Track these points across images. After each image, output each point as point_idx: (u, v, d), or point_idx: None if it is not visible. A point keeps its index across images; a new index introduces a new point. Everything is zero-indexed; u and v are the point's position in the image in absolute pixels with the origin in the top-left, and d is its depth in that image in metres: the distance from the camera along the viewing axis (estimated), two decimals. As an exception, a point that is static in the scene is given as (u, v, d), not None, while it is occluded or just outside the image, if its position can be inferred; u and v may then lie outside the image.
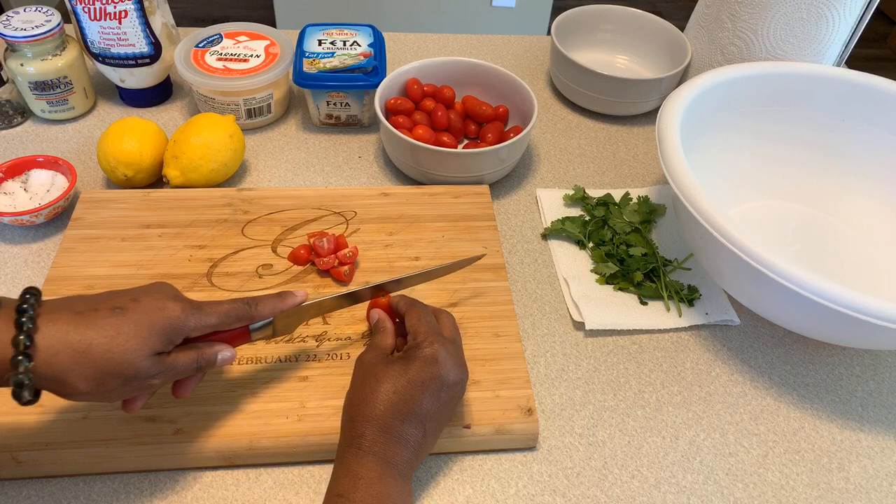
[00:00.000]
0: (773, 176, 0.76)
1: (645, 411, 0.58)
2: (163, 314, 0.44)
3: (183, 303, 0.45)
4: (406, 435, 0.46)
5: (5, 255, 0.66)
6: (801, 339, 0.65)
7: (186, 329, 0.45)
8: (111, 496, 0.50)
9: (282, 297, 0.50)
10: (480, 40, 1.01)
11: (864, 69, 0.74)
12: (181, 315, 0.44)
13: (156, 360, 0.43)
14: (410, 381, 0.47)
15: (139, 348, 0.42)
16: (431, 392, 0.47)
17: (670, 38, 0.91)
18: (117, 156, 0.69)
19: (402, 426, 0.46)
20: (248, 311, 0.48)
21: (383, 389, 0.47)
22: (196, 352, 0.46)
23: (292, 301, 0.51)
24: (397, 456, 0.46)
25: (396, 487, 0.45)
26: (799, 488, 0.54)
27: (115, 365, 0.41)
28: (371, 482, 0.44)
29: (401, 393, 0.47)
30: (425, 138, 0.74)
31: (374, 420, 0.46)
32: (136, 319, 0.42)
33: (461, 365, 0.50)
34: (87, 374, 0.41)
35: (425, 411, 0.47)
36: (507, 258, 0.70)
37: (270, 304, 0.49)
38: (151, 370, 0.43)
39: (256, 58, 0.79)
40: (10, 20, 0.74)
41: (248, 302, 0.48)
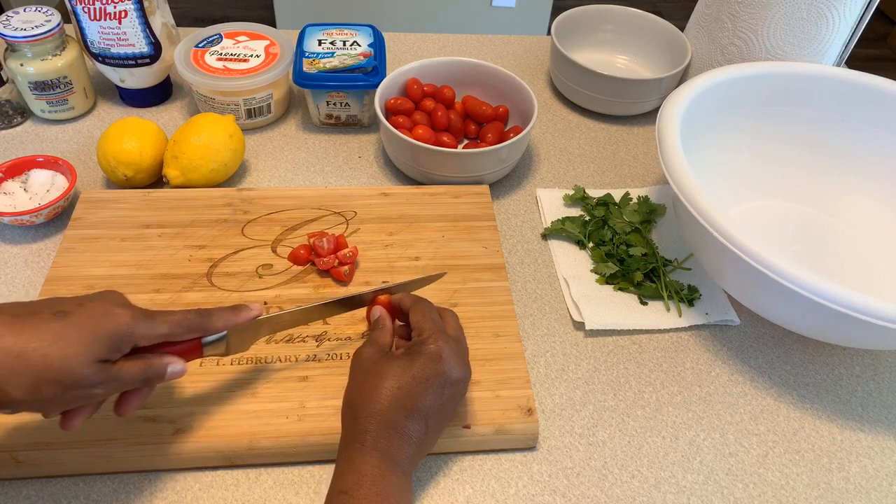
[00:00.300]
0: (773, 176, 0.76)
1: (645, 411, 0.58)
2: (110, 319, 0.42)
3: (132, 309, 0.43)
4: (409, 431, 0.46)
5: (5, 255, 0.66)
6: (801, 339, 0.65)
7: (134, 337, 0.43)
8: (111, 496, 0.50)
9: (236, 310, 0.48)
10: (480, 40, 1.01)
11: (864, 69, 0.74)
12: (129, 321, 0.42)
13: (99, 368, 0.41)
14: (414, 377, 0.47)
15: (81, 354, 0.40)
16: (435, 388, 0.47)
17: (670, 38, 0.91)
18: (117, 156, 0.69)
19: (405, 422, 0.46)
20: (201, 322, 0.46)
21: (387, 385, 0.47)
22: (144, 362, 0.44)
23: (247, 315, 0.49)
24: (400, 452, 0.46)
25: (399, 484, 0.45)
26: (799, 488, 0.54)
27: (53, 371, 0.39)
28: (375, 479, 0.44)
29: (405, 389, 0.47)
30: (425, 138, 0.74)
31: (377, 415, 0.46)
32: (79, 324, 0.40)
33: (464, 363, 0.50)
34: (22, 382, 0.38)
35: (428, 408, 0.47)
36: (507, 258, 0.70)
37: (224, 316, 0.48)
38: (94, 378, 0.41)
39: (256, 58, 0.79)
40: (10, 20, 0.74)
41: (202, 313, 0.47)
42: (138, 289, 0.60)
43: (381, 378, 0.47)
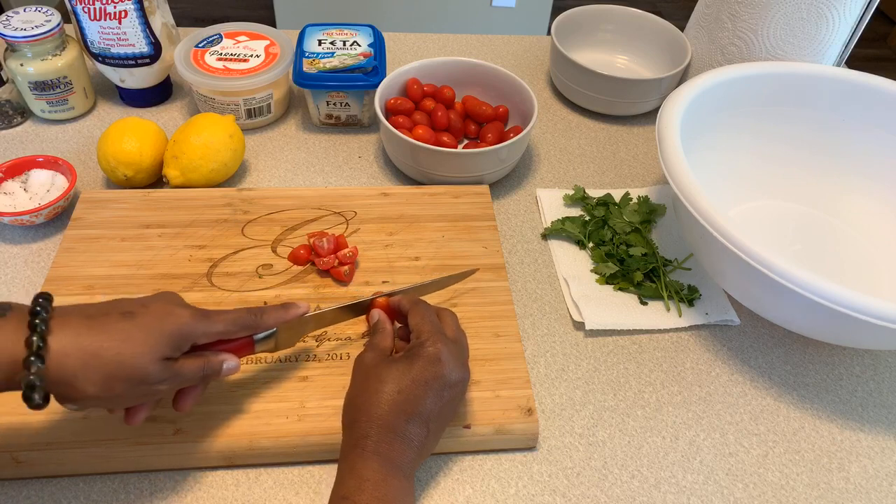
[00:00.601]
0: (773, 176, 0.76)
1: (645, 411, 0.58)
2: (172, 319, 0.44)
3: (191, 309, 0.46)
4: (410, 434, 0.46)
5: (5, 255, 0.66)
6: (801, 339, 0.65)
7: (194, 335, 0.45)
8: (111, 496, 0.50)
9: (286, 307, 0.51)
10: (480, 40, 1.01)
11: (864, 69, 0.74)
12: (190, 321, 0.45)
13: (164, 366, 0.43)
14: (414, 381, 0.47)
15: (148, 352, 0.42)
16: (434, 391, 0.47)
17: (670, 38, 0.91)
18: (117, 156, 0.69)
19: (405, 426, 0.46)
20: (254, 320, 0.49)
21: (387, 389, 0.47)
22: (203, 359, 0.46)
23: (296, 312, 0.51)
24: (401, 456, 0.46)
25: (401, 488, 0.45)
26: (799, 488, 0.54)
27: (124, 368, 0.42)
28: (377, 484, 0.44)
29: (405, 392, 0.47)
30: (425, 138, 0.74)
31: (378, 420, 0.46)
32: (146, 324, 0.43)
33: (463, 364, 0.50)
34: (96, 378, 0.41)
35: (429, 411, 0.47)
36: (507, 258, 0.70)
37: (275, 314, 0.50)
38: (159, 375, 0.43)
39: (256, 58, 0.79)
40: (10, 20, 0.74)
41: (254, 311, 0.49)
42: (138, 289, 0.60)
43: (381, 382, 0.47)
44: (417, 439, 0.47)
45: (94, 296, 0.59)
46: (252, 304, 0.60)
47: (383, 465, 0.45)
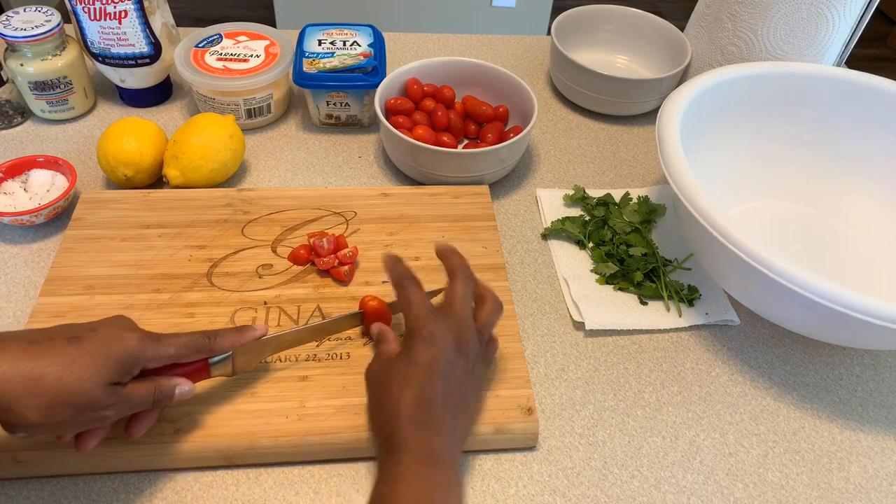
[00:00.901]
0: (773, 176, 0.76)
1: (645, 411, 0.58)
2: (119, 343, 0.44)
3: (140, 333, 0.45)
4: (433, 422, 0.46)
5: (5, 255, 0.66)
6: (801, 339, 0.65)
7: (143, 359, 0.45)
8: (111, 496, 0.50)
9: (241, 331, 0.50)
10: (480, 40, 1.01)
11: (864, 69, 0.74)
12: (138, 345, 0.44)
13: (111, 391, 0.43)
14: (417, 369, 0.47)
15: (93, 377, 0.42)
16: (440, 372, 0.47)
17: (670, 38, 0.91)
18: (117, 156, 0.69)
19: (425, 414, 0.45)
20: (207, 344, 0.48)
21: (395, 388, 0.46)
22: (153, 384, 0.46)
23: (251, 335, 0.51)
24: (431, 445, 0.45)
25: (437, 480, 0.44)
26: (799, 488, 0.54)
27: (67, 394, 0.41)
28: (409, 482, 0.43)
29: (412, 383, 0.46)
30: (425, 138, 0.74)
31: (397, 419, 0.45)
32: (91, 349, 0.42)
33: (462, 336, 0.49)
34: (39, 404, 0.40)
35: (443, 392, 0.46)
36: (507, 258, 0.70)
37: (230, 337, 0.50)
38: (105, 400, 0.43)
39: (256, 58, 0.79)
40: (10, 20, 0.74)
41: (208, 334, 0.49)
42: (138, 289, 0.60)
43: (388, 385, 0.47)
44: (442, 423, 0.46)
45: (93, 296, 0.59)
46: (252, 305, 0.60)
47: (415, 459, 0.44)
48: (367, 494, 0.52)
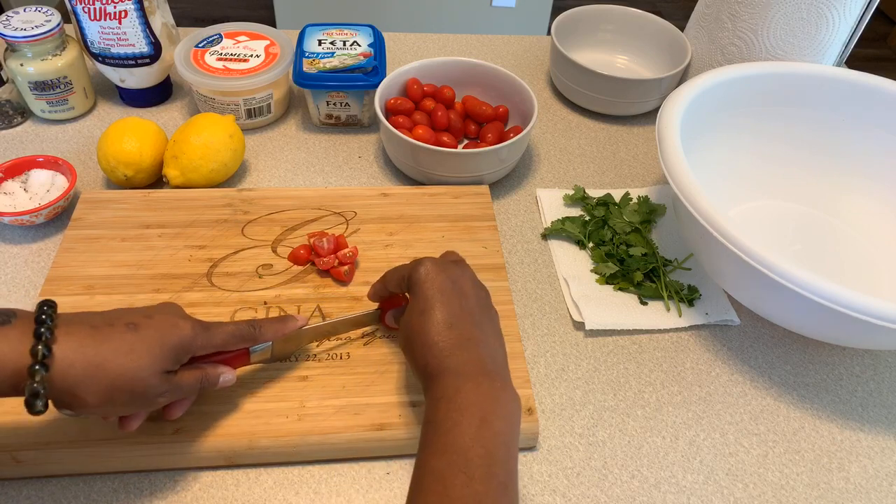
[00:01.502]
0: (773, 176, 0.76)
1: (645, 411, 0.58)
2: (174, 332, 0.45)
3: (193, 322, 0.46)
4: (463, 335, 0.46)
5: (5, 255, 0.66)
6: (801, 339, 0.65)
7: (194, 348, 0.46)
8: (111, 496, 0.50)
9: (283, 320, 0.52)
10: (480, 40, 1.01)
11: (864, 69, 0.74)
12: (191, 333, 0.45)
13: (164, 378, 0.44)
14: (428, 299, 0.48)
15: (151, 365, 0.43)
16: (450, 291, 0.48)
17: (670, 38, 0.91)
18: (117, 156, 0.69)
19: (451, 332, 0.46)
20: (252, 333, 0.50)
21: (417, 326, 0.47)
22: (200, 371, 0.47)
23: (293, 325, 0.52)
24: (467, 359, 0.45)
25: (481, 392, 0.43)
26: (799, 488, 0.54)
27: (127, 381, 0.42)
28: (450, 398, 0.42)
29: (428, 312, 0.47)
30: (425, 138, 0.74)
31: (429, 349, 0.46)
32: (149, 336, 0.43)
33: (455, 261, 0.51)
34: (99, 389, 0.41)
35: (462, 306, 0.47)
36: (507, 258, 0.70)
37: (273, 327, 0.51)
38: (160, 388, 0.44)
39: (256, 58, 0.79)
40: (10, 20, 0.74)
41: (253, 324, 0.50)
42: (138, 289, 0.60)
43: (412, 329, 0.48)
44: (472, 335, 0.46)
45: (93, 296, 0.59)
46: (252, 305, 0.60)
47: (455, 378, 0.43)
48: (366, 494, 0.52)
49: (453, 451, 0.39)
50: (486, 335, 0.47)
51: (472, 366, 0.44)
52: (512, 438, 0.42)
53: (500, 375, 0.45)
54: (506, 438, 0.41)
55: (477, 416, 0.41)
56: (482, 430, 0.40)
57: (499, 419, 0.42)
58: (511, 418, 0.43)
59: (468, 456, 0.39)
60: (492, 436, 0.40)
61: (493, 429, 0.41)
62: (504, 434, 0.41)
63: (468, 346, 0.46)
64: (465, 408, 0.41)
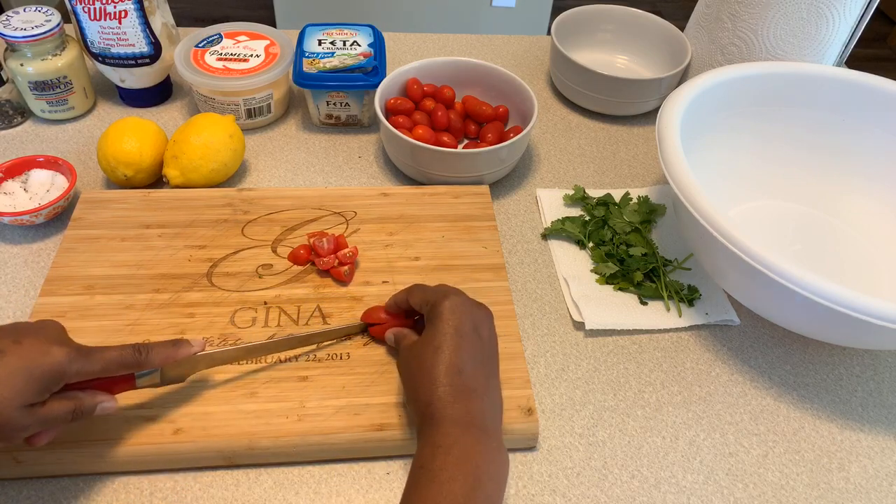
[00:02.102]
0: (773, 176, 0.76)
1: (645, 411, 0.58)
2: (43, 360, 0.41)
3: (68, 348, 0.43)
4: (469, 384, 0.46)
5: (5, 255, 0.66)
6: (801, 339, 0.65)
7: (68, 376, 0.42)
8: (111, 496, 0.50)
9: (176, 345, 0.48)
10: (480, 40, 1.01)
11: (864, 69, 0.74)
12: (64, 360, 0.42)
13: (27, 412, 0.41)
14: (446, 337, 0.47)
15: (10, 399, 0.39)
16: (469, 335, 0.48)
17: (670, 38, 0.91)
18: (117, 156, 0.69)
19: (460, 379, 0.46)
20: (137, 359, 0.46)
21: (427, 361, 0.47)
22: (73, 402, 0.43)
23: (186, 351, 0.48)
24: (470, 410, 0.44)
25: (478, 446, 0.43)
26: (799, 488, 0.54)
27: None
28: (448, 448, 0.42)
29: (443, 350, 0.47)
30: (425, 138, 0.74)
31: (433, 389, 0.45)
32: (13, 366, 0.40)
33: (478, 303, 0.51)
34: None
35: (474, 354, 0.47)
36: (507, 258, 0.70)
37: (163, 353, 0.47)
38: (21, 421, 0.41)
39: (256, 58, 0.79)
40: (10, 20, 0.74)
41: (139, 349, 0.46)
42: (138, 289, 0.60)
43: (421, 360, 0.47)
44: (478, 386, 0.46)
45: (93, 296, 0.59)
46: (252, 305, 0.60)
47: (454, 426, 0.43)
48: (366, 494, 0.52)
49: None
50: (491, 389, 0.47)
51: (472, 418, 0.44)
52: (499, 501, 0.43)
53: (496, 434, 0.46)
54: (495, 501, 0.42)
55: (472, 475, 0.41)
56: (475, 491, 0.41)
57: (491, 481, 0.42)
58: (501, 481, 0.43)
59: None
60: (484, 497, 0.41)
61: (486, 491, 0.41)
62: (493, 498, 0.42)
63: (472, 397, 0.45)
64: (461, 463, 0.41)
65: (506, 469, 0.45)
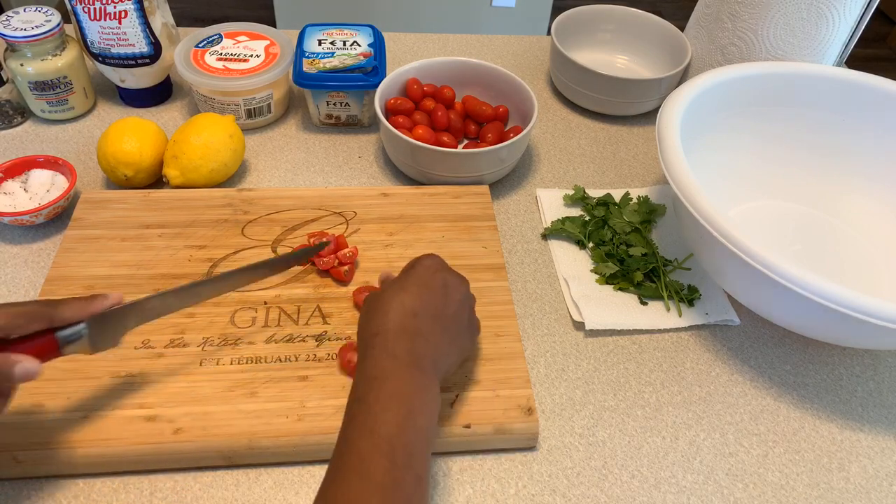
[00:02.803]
0: (773, 176, 0.76)
1: (645, 411, 0.58)
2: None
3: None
4: (421, 329, 0.46)
5: (5, 255, 0.66)
6: (801, 339, 0.65)
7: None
8: (111, 496, 0.50)
9: (90, 299, 0.45)
10: (480, 40, 1.01)
11: (864, 69, 0.74)
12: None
13: None
14: (412, 282, 0.48)
15: None
16: (436, 290, 0.48)
17: (670, 38, 0.91)
18: (117, 156, 0.69)
19: (412, 321, 0.46)
20: (46, 311, 0.42)
21: (388, 296, 0.47)
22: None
23: (102, 303, 0.45)
24: (412, 350, 0.45)
25: (415, 383, 0.44)
26: (799, 488, 0.54)
27: None
28: (384, 381, 0.43)
29: (405, 291, 0.47)
30: (425, 138, 0.74)
31: (384, 322, 0.46)
32: None
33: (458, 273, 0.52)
34: None
35: (435, 306, 0.48)
36: (507, 258, 0.70)
37: (75, 305, 0.44)
38: None
39: (256, 58, 0.79)
40: (10, 20, 0.74)
41: (47, 302, 0.43)
42: (138, 289, 0.60)
43: (382, 295, 0.48)
44: (430, 334, 0.46)
45: (94, 296, 0.59)
46: (252, 304, 0.60)
47: (394, 362, 0.44)
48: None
49: (379, 435, 0.40)
50: (443, 342, 0.48)
51: (412, 358, 0.45)
52: (431, 435, 0.44)
53: (432, 375, 0.46)
54: (427, 434, 0.43)
55: (405, 407, 0.42)
56: (408, 421, 0.42)
57: (423, 415, 0.43)
58: (433, 416, 0.44)
59: (393, 443, 0.40)
60: (415, 429, 0.42)
61: (417, 423, 0.42)
62: (425, 430, 0.43)
63: (418, 339, 0.46)
64: (394, 396, 0.42)
65: (437, 404, 0.45)
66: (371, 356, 0.45)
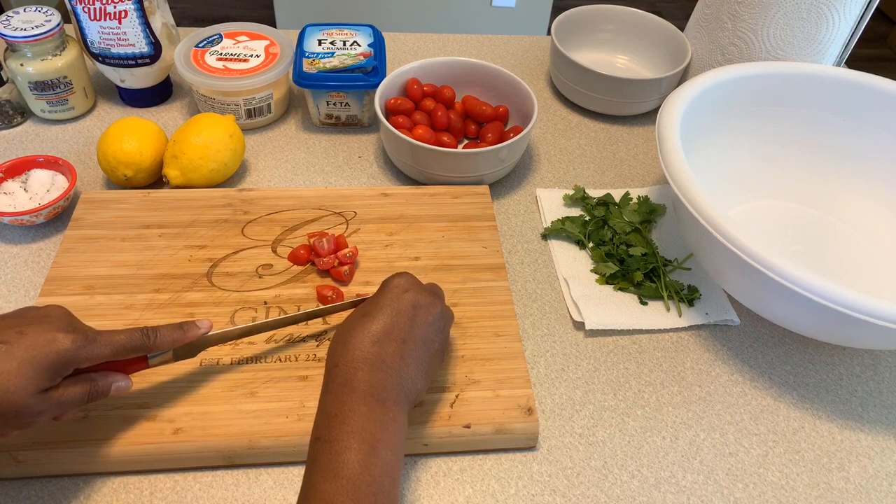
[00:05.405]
0: (773, 176, 0.76)
1: (645, 411, 0.58)
2: (50, 348, 0.42)
3: (75, 334, 0.43)
4: (382, 356, 0.46)
5: (5, 255, 0.66)
6: (801, 339, 0.65)
7: (76, 361, 0.43)
8: (111, 496, 0.50)
9: (184, 328, 0.49)
10: (480, 40, 1.01)
11: (864, 69, 0.74)
12: (71, 347, 0.43)
13: (41, 398, 0.42)
14: (378, 306, 0.48)
15: (23, 387, 0.40)
16: (403, 312, 0.48)
17: (670, 38, 0.91)
18: (117, 156, 0.69)
19: (373, 347, 0.46)
20: (146, 343, 0.47)
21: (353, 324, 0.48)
22: (88, 384, 0.45)
23: (194, 333, 0.49)
24: (372, 381, 0.45)
25: (374, 417, 0.43)
26: (799, 488, 0.54)
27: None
28: (344, 417, 0.43)
29: (370, 318, 0.47)
30: (425, 138, 0.74)
31: (345, 352, 0.46)
32: (19, 356, 0.41)
33: (434, 292, 0.51)
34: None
35: (399, 330, 0.47)
36: (507, 258, 0.70)
37: (170, 335, 0.48)
38: (37, 407, 0.42)
39: (256, 58, 0.79)
40: (10, 20, 0.74)
41: (147, 333, 0.47)
42: (138, 289, 0.60)
43: (349, 323, 0.48)
44: (391, 361, 0.46)
45: (93, 296, 0.59)
46: (252, 304, 0.60)
47: (353, 396, 0.44)
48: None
49: (343, 476, 0.40)
50: (408, 367, 0.47)
51: (371, 388, 0.44)
52: (396, 468, 0.43)
53: (394, 406, 0.45)
54: (391, 469, 0.43)
55: (367, 444, 0.42)
56: (371, 458, 0.42)
57: (387, 449, 0.43)
58: (397, 449, 0.44)
59: (356, 483, 0.40)
60: (380, 465, 0.42)
61: (381, 458, 0.42)
62: (390, 464, 0.43)
63: (379, 369, 0.45)
64: (355, 432, 0.42)
65: (402, 435, 0.45)
66: (331, 391, 0.45)
